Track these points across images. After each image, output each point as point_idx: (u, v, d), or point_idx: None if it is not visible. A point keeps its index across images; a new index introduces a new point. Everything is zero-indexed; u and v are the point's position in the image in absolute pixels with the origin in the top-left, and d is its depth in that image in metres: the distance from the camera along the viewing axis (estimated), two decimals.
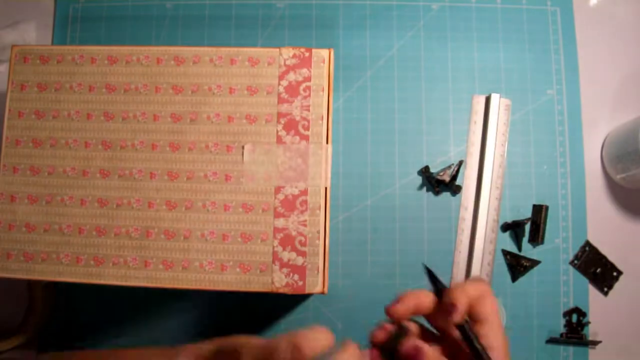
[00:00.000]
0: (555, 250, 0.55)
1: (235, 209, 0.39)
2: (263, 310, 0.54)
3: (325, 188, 0.39)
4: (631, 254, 0.56)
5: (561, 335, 0.54)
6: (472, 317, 0.32)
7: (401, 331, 0.31)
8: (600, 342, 0.54)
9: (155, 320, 0.54)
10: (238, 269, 0.38)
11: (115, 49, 0.41)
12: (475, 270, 0.53)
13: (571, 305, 0.55)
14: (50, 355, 0.52)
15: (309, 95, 0.40)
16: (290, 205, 0.38)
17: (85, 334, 0.54)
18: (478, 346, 0.31)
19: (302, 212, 0.38)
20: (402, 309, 0.31)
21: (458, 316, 0.31)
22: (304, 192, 0.38)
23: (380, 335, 0.31)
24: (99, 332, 0.54)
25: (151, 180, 0.40)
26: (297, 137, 0.38)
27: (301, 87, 0.39)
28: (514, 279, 0.55)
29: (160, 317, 0.54)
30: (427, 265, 0.33)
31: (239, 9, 0.58)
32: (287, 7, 0.58)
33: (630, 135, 0.52)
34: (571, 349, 0.54)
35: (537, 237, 0.54)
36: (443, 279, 0.33)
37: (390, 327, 0.31)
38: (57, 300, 0.55)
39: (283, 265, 0.38)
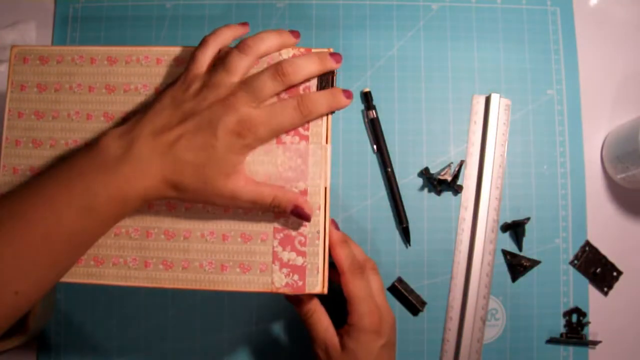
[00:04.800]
0: (555, 250, 0.55)
1: (235, 209, 0.39)
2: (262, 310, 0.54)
3: (325, 188, 0.39)
4: (631, 254, 0.56)
5: (561, 335, 0.54)
6: None
7: None
8: (600, 342, 0.54)
9: (155, 320, 0.54)
10: (238, 269, 0.38)
11: (115, 50, 0.41)
12: (475, 270, 0.53)
13: (571, 305, 0.55)
14: None
15: None
16: None
17: (85, 334, 0.54)
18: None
19: None
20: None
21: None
22: (304, 192, 0.38)
23: None
24: (99, 332, 0.54)
25: None
26: (297, 137, 0.38)
27: (301, 87, 0.39)
28: (514, 279, 0.55)
29: (159, 317, 0.54)
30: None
31: (238, 9, 0.58)
32: (287, 7, 0.58)
33: (630, 135, 0.52)
34: (571, 349, 0.54)
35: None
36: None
37: None
38: (57, 300, 0.55)
39: (283, 265, 0.38)
